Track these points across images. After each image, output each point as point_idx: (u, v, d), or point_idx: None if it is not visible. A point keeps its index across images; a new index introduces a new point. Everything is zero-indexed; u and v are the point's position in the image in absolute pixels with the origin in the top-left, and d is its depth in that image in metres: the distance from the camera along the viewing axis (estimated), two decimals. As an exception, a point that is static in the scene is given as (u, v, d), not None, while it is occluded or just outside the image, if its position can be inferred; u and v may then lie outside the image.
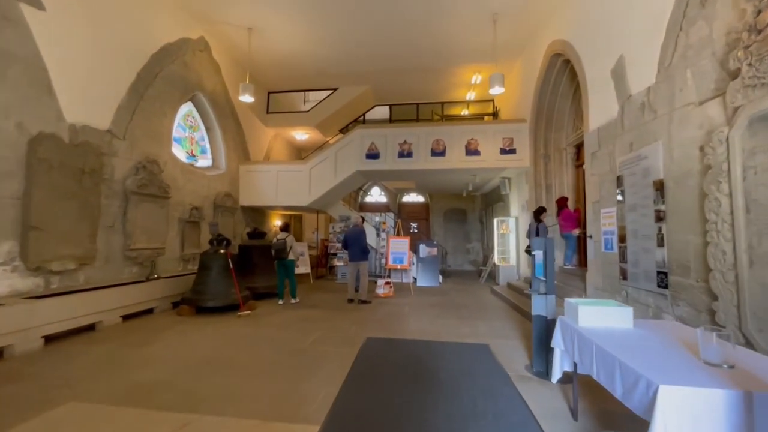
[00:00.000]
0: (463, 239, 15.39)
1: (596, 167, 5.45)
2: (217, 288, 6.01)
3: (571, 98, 7.97)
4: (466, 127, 9.06)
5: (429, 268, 9.97)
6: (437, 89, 11.58)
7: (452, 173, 9.45)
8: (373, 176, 9.89)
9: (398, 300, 7.53)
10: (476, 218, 15.36)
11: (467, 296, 8.15)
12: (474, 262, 15.17)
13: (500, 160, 8.81)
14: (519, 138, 8.82)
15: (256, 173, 9.70)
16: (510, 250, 9.86)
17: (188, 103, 8.10)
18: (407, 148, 9.02)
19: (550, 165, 8.47)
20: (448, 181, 10.87)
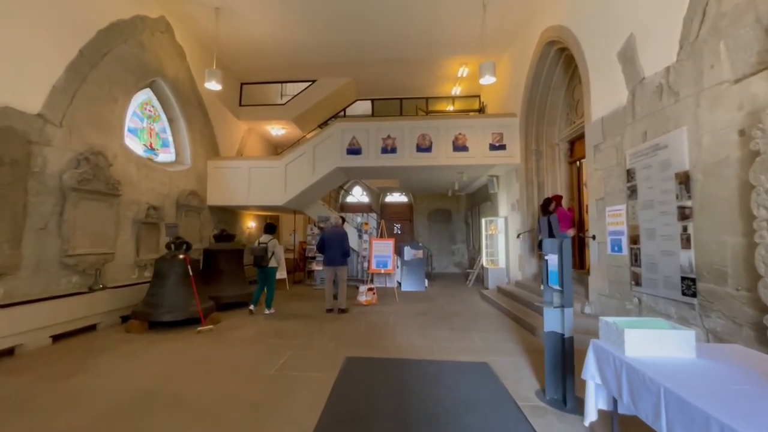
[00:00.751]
0: (448, 240, 14.89)
1: (600, 161, 4.96)
2: (173, 299, 5.20)
3: (564, 90, 7.53)
4: (454, 121, 8.51)
5: (414, 271, 9.36)
6: (422, 83, 11.01)
7: (438, 170, 8.88)
8: (354, 173, 9.22)
9: (382, 308, 6.87)
10: (461, 219, 14.89)
11: (456, 302, 7.57)
12: (459, 264, 14.68)
13: (489, 157, 8.29)
14: (509, 133, 8.33)
15: (226, 170, 8.87)
16: (499, 251, 9.36)
17: (146, 90, 7.23)
18: (391, 143, 8.40)
19: (541, 161, 8.00)
20: (433, 180, 10.31)
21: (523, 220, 8.11)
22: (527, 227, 8.02)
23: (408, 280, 9.31)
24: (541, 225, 6.58)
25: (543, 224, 6.47)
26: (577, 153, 7.45)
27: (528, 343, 4.54)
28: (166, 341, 4.57)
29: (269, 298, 6.51)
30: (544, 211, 6.52)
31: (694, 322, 3.32)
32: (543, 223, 6.47)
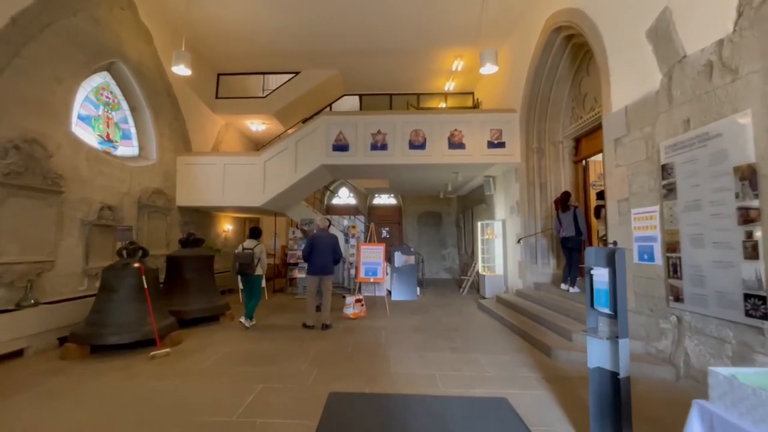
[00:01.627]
0: (439, 245, 14.24)
1: (623, 156, 4.34)
2: (123, 317, 4.34)
3: (570, 83, 6.96)
4: (450, 116, 7.85)
5: (405, 278, 8.64)
6: (413, 78, 10.35)
7: (432, 169, 8.21)
8: (340, 172, 8.48)
9: (372, 322, 6.11)
10: (452, 222, 14.27)
11: (453, 314, 6.87)
12: (450, 270, 14.04)
13: (488, 155, 7.66)
14: (508, 130, 7.72)
15: (198, 166, 7.99)
16: (496, 257, 8.73)
17: (103, 74, 6.33)
18: (381, 139, 7.68)
19: (543, 160, 7.41)
20: (426, 180, 9.63)
21: (524, 223, 7.49)
22: (529, 231, 7.40)
23: (399, 288, 8.57)
24: (561, 221, 5.99)
25: (565, 220, 5.90)
26: (584, 151, 6.88)
27: (547, 369, 3.86)
28: (107, 372, 3.71)
29: (251, 308, 5.79)
30: (564, 205, 5.93)
31: (763, 350, 2.69)
32: (565, 219, 5.90)
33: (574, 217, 5.91)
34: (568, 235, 5.92)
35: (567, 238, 5.93)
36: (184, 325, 5.43)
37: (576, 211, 5.96)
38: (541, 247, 7.34)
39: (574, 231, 5.89)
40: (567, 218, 5.96)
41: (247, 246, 5.83)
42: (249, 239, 5.96)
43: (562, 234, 5.99)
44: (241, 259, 5.68)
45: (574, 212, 5.93)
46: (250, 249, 5.77)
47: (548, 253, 7.31)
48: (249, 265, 5.67)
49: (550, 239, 7.29)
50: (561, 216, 6.04)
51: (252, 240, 5.94)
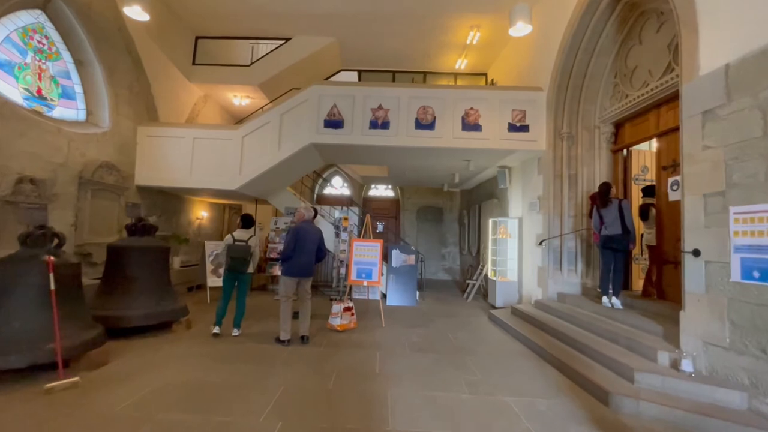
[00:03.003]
0: (438, 243, 13.08)
1: (718, 134, 3.17)
2: (18, 330, 3.10)
3: (614, 55, 5.77)
4: (465, 92, 6.63)
5: (404, 281, 7.47)
6: (420, 52, 9.11)
7: (441, 155, 7.00)
8: (333, 154, 7.25)
9: (363, 336, 4.93)
10: (454, 218, 13.11)
11: (461, 327, 5.70)
12: (449, 270, 12.90)
13: (508, 140, 6.47)
14: (533, 111, 6.53)
15: (163, 140, 6.70)
16: (508, 261, 7.58)
17: (35, 12, 5.01)
18: (383, 115, 6.45)
19: (574, 149, 6.25)
20: (431, 168, 8.42)
21: (547, 222, 6.33)
22: (553, 231, 6.24)
23: (396, 292, 7.40)
24: (603, 217, 4.87)
25: (609, 215, 4.80)
26: (626, 138, 5.72)
27: (609, 427, 2.70)
28: (-33, 416, 2.49)
29: (240, 315, 4.80)
30: (604, 199, 4.82)
31: None
32: (609, 214, 4.80)
33: (619, 211, 4.77)
34: (613, 233, 4.78)
35: (612, 236, 4.79)
36: (120, 336, 4.21)
37: (622, 204, 4.82)
38: (568, 251, 6.19)
39: (620, 228, 4.75)
40: (611, 213, 4.82)
41: (240, 237, 4.77)
42: (241, 229, 4.90)
43: (605, 232, 4.85)
44: (236, 253, 4.66)
45: (619, 206, 4.79)
46: (244, 241, 4.72)
47: (576, 258, 6.16)
48: (245, 262, 4.69)
49: (579, 242, 6.14)
50: (602, 212, 4.89)
51: (245, 230, 4.90)
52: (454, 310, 7.09)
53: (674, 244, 4.63)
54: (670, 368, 3.30)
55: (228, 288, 4.68)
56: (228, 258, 4.54)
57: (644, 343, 3.63)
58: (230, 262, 4.54)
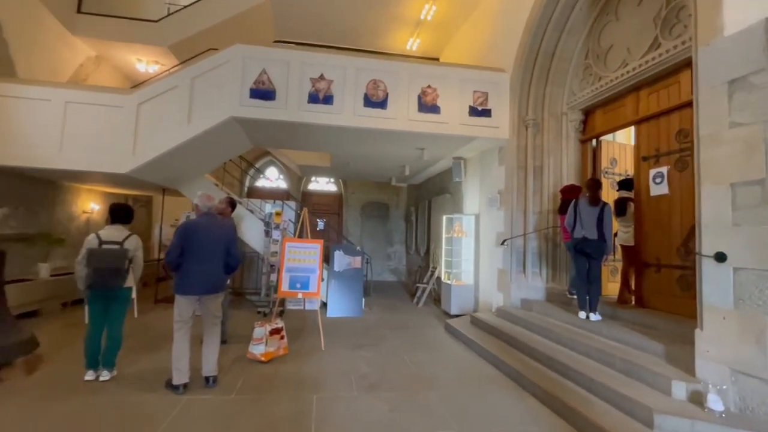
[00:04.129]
0: (384, 241, 12.16)
1: (753, 108, 2.51)
2: None
3: (586, 33, 5.19)
4: (422, 67, 5.70)
5: (348, 287, 6.37)
6: (368, 27, 8.06)
7: (394, 140, 6.00)
8: (262, 133, 5.90)
9: (295, 367, 3.75)
10: (401, 215, 12.27)
11: (417, 344, 4.75)
12: (395, 271, 12.05)
13: (468, 125, 5.67)
14: (496, 95, 5.81)
15: (19, 101, 4.87)
16: (464, 262, 6.83)
17: None
18: (325, 87, 5.29)
19: (540, 137, 5.62)
20: (380, 158, 7.40)
21: (510, 219, 5.63)
22: (516, 230, 5.56)
23: (338, 301, 6.27)
24: (582, 217, 4.19)
25: (589, 216, 4.18)
26: (597, 126, 5.18)
27: None
28: None
29: (113, 350, 3.30)
30: (595, 197, 4.14)
31: None
32: (589, 215, 4.19)
33: (599, 214, 4.14)
34: (590, 236, 4.12)
35: (588, 240, 4.13)
36: None
37: (606, 208, 4.18)
38: (532, 251, 5.55)
39: (596, 233, 4.11)
40: (592, 215, 4.16)
41: (110, 238, 3.25)
42: (111, 225, 3.38)
43: (581, 233, 4.18)
44: (103, 261, 3.13)
45: (602, 209, 4.15)
46: (117, 244, 3.21)
47: (541, 260, 5.54)
48: (117, 273, 3.17)
49: (545, 242, 5.52)
50: (583, 210, 4.22)
51: (117, 227, 3.37)
52: (406, 320, 6.14)
53: (658, 244, 4.10)
54: (690, 404, 2.60)
55: (95, 313, 3.22)
56: (90, 269, 3.08)
57: (648, 368, 2.93)
58: (93, 274, 3.08)
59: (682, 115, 3.90)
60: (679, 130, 3.92)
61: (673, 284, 3.90)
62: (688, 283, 3.73)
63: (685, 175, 3.83)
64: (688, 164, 3.81)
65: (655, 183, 4.15)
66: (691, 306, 3.75)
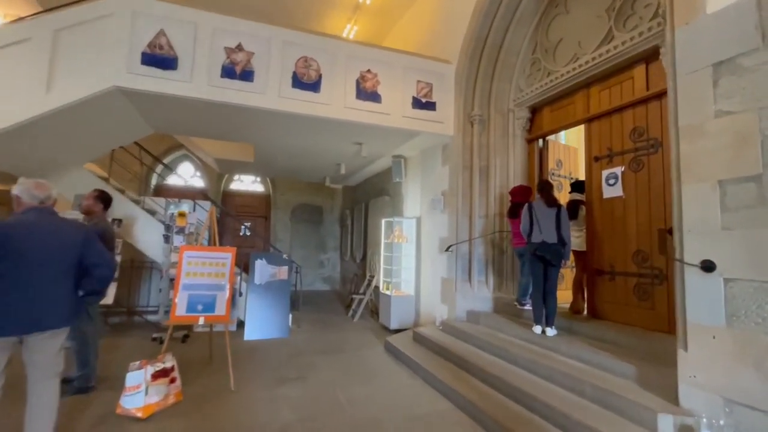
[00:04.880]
0: (317, 248, 11.20)
1: (744, 94, 2.18)
2: None
3: (534, 25, 4.91)
4: (361, 48, 5.00)
5: (271, 302, 5.38)
6: (300, 7, 7.17)
7: (328, 130, 5.21)
8: (162, 113, 4.70)
9: (188, 422, 2.75)
10: (335, 219, 11.44)
11: (353, 374, 3.97)
12: (329, 279, 11.16)
13: (412, 117, 5.10)
14: (441, 88, 5.33)
15: None
16: (404, 270, 6.23)
17: None
18: (244, 60, 4.33)
19: (485, 135, 5.23)
20: (312, 153, 6.52)
21: (455, 224, 5.15)
22: (462, 235, 5.09)
23: (259, 319, 5.25)
24: (540, 220, 3.79)
25: (546, 219, 3.81)
26: (545, 125, 4.90)
27: None
28: None
29: None
30: (550, 199, 3.77)
31: None
32: (547, 218, 3.81)
33: (557, 217, 3.77)
34: (550, 240, 3.73)
35: (549, 244, 3.73)
36: None
37: (563, 210, 3.84)
38: (478, 258, 5.10)
39: (556, 237, 3.74)
40: (549, 217, 3.78)
41: None
42: None
43: (540, 237, 3.77)
44: None
45: (559, 211, 3.79)
46: None
47: (487, 268, 5.11)
48: None
49: (491, 248, 5.11)
50: (539, 213, 3.82)
51: None
52: (341, 339, 5.33)
53: (612, 250, 3.83)
54: (677, 441, 2.18)
55: None
56: None
57: (624, 397, 2.50)
58: None
59: (636, 113, 3.68)
60: (634, 129, 3.69)
61: (629, 293, 3.63)
62: (646, 293, 3.48)
63: (641, 176, 3.60)
64: (643, 164, 3.58)
65: (609, 184, 3.89)
66: (649, 317, 3.53)
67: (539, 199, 3.92)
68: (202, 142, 7.17)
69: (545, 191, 3.88)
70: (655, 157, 3.48)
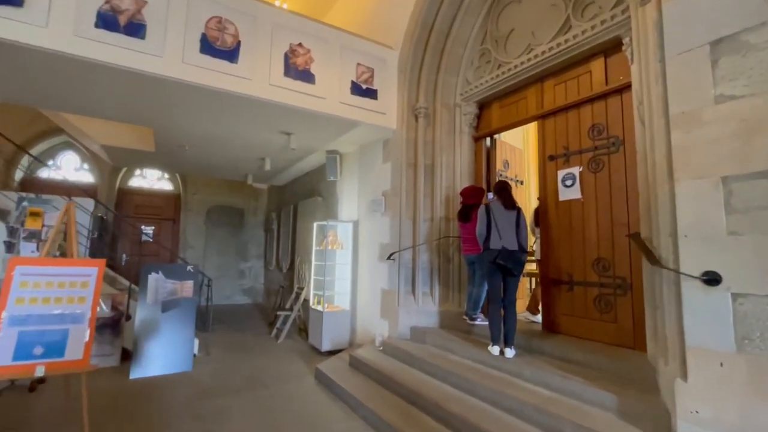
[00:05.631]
0: (236, 256, 9.89)
1: (751, 75, 1.86)
2: None
3: (484, 13, 4.54)
4: (293, 17, 4.18)
5: (171, 325, 4.24)
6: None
7: (249, 113, 4.28)
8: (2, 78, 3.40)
9: None
10: (259, 223, 10.23)
11: (276, 423, 3.11)
12: (250, 291, 9.90)
13: (350, 105, 4.41)
14: (383, 75, 4.73)
15: None
16: (339, 281, 5.47)
17: None
18: (132, 9, 3.27)
19: (430, 131, 4.74)
20: (231, 143, 5.46)
21: (398, 228, 4.56)
22: (406, 241, 4.51)
23: (151, 350, 4.08)
24: (498, 224, 3.29)
25: (505, 222, 3.34)
26: (494, 121, 4.54)
27: None
28: None
29: None
30: (509, 201, 3.31)
31: None
32: (505, 221, 3.30)
33: (516, 221, 3.35)
34: (511, 247, 3.27)
35: (510, 252, 3.27)
36: None
37: (521, 213, 3.43)
38: (423, 267, 4.55)
39: (516, 243, 3.30)
40: (509, 221, 3.34)
41: None
42: None
43: (500, 244, 3.30)
44: None
45: (518, 214, 3.37)
46: None
47: (432, 278, 4.58)
48: None
49: (436, 255, 4.59)
50: (498, 216, 3.36)
51: None
52: (261, 369, 4.38)
53: (569, 257, 3.51)
54: (693, 499, 1.76)
55: None
56: None
57: (613, 437, 2.05)
58: None
59: (595, 109, 3.42)
60: (592, 126, 3.42)
61: (589, 305, 3.31)
62: (608, 304, 3.18)
63: (601, 176, 3.32)
64: (603, 164, 3.31)
65: (565, 186, 3.59)
66: (612, 331, 3.22)
67: (497, 201, 3.47)
68: (86, 125, 5.67)
69: (504, 192, 3.45)
70: (617, 157, 3.22)
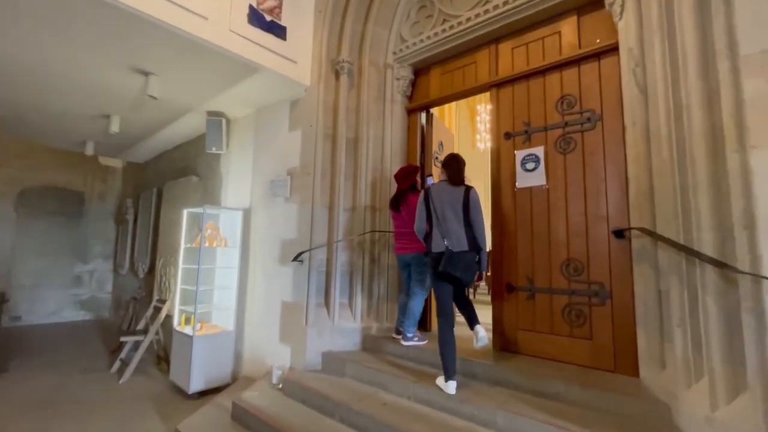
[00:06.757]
0: (69, 255, 7.22)
1: None
2: None
3: (428, -45, 3.64)
4: None
5: None
6: None
7: (74, 27, 2.57)
8: None
9: None
10: (109, 213, 7.70)
11: None
12: (90, 304, 7.34)
13: (246, 39, 3.09)
14: (295, 11, 3.51)
15: None
16: (219, 290, 3.99)
17: None
18: None
19: (355, 95, 3.67)
20: (51, 80, 3.49)
21: (309, 219, 3.38)
22: (320, 237, 3.36)
23: None
24: (438, 212, 2.39)
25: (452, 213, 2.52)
26: (432, 90, 3.70)
27: None
28: None
29: None
30: (455, 174, 2.39)
31: None
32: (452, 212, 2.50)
33: (464, 209, 2.48)
34: (458, 248, 2.40)
35: (458, 255, 2.39)
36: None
37: (472, 193, 2.55)
38: (341, 271, 3.44)
39: (467, 242, 2.44)
40: (453, 208, 2.48)
41: None
42: None
43: (444, 245, 2.41)
44: None
45: (466, 197, 2.51)
46: None
47: (352, 285, 3.50)
48: None
49: (359, 255, 3.52)
50: (439, 201, 2.48)
51: None
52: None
53: (530, 258, 2.81)
54: None
55: None
56: None
57: None
58: None
59: (565, 78, 2.80)
60: (561, 98, 2.79)
61: (556, 318, 2.65)
62: (581, 316, 2.55)
63: (572, 158, 2.70)
64: (575, 144, 2.69)
65: (526, 169, 2.90)
66: (586, 350, 2.51)
67: (442, 182, 2.59)
68: None
69: (454, 163, 2.56)
70: (592, 135, 2.63)
